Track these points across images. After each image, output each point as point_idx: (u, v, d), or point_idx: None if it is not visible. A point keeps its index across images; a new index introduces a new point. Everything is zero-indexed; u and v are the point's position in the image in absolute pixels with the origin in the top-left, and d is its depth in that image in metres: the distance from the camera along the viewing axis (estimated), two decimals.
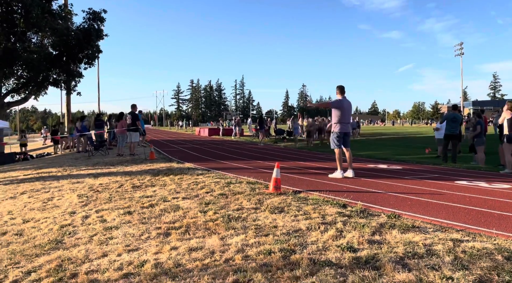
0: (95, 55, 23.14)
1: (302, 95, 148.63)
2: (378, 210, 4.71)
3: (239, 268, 3.01)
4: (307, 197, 5.47)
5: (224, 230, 4.07)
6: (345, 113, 7.57)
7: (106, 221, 4.74)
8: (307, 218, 4.34)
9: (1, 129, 20.87)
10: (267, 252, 3.31)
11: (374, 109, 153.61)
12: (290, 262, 3.06)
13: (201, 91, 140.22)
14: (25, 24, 20.12)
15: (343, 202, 5.04)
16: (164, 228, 4.27)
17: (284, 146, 18.94)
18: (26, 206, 6.01)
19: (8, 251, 3.96)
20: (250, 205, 5.09)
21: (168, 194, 6.09)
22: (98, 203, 5.78)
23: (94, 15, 22.00)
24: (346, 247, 3.31)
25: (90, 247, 3.85)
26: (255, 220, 4.42)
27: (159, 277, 2.97)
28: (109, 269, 3.21)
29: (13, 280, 3.19)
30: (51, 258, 3.61)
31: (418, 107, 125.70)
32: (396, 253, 3.15)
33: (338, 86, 7.74)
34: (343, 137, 7.59)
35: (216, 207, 5.06)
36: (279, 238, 3.68)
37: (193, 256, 3.36)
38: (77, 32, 21.64)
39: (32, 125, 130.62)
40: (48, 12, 20.36)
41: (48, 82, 22.22)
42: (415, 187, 6.47)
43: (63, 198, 6.34)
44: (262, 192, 5.91)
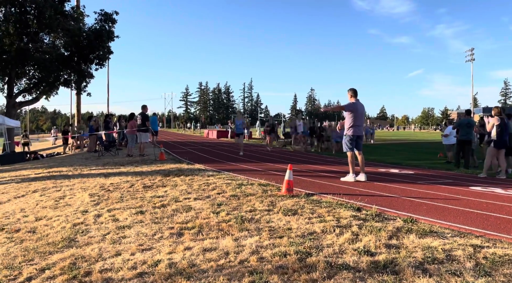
0: (106, 56, 23.30)
1: (311, 99, 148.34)
2: (393, 214, 4.63)
3: (254, 269, 2.96)
4: (320, 200, 5.41)
5: (238, 231, 4.03)
6: (359, 116, 7.50)
7: (119, 220, 4.72)
8: (322, 220, 4.28)
9: (13, 128, 21.09)
10: (282, 254, 3.26)
11: (383, 114, 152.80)
12: (306, 265, 3.01)
13: (210, 94, 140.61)
14: (37, 24, 20.37)
15: (357, 206, 4.97)
16: (177, 228, 4.24)
17: (294, 149, 18.86)
18: (38, 204, 6.03)
19: (21, 248, 3.96)
20: (262, 207, 5.04)
21: (179, 195, 6.06)
22: (110, 202, 5.77)
23: (106, 16, 22.19)
24: (363, 251, 3.25)
25: (103, 245, 3.83)
26: (268, 222, 4.37)
27: (174, 277, 2.93)
28: (123, 268, 3.18)
29: (27, 277, 3.18)
30: (64, 255, 3.60)
31: (427, 113, 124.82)
32: (415, 258, 3.08)
33: (350, 88, 7.67)
34: (356, 140, 7.51)
35: (228, 208, 5.02)
36: (294, 240, 3.63)
37: (207, 257, 3.32)
38: (89, 33, 21.83)
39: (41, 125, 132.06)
40: (61, 13, 20.60)
41: (59, 83, 22.41)
42: (430, 192, 6.37)
43: (74, 197, 6.35)
44: (275, 194, 5.86)
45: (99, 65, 23.25)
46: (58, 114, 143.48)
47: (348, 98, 7.71)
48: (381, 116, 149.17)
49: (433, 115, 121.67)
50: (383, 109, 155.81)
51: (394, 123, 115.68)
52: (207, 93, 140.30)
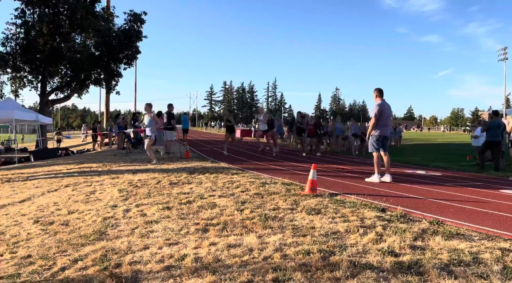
0: (134, 56, 23.90)
1: (335, 98, 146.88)
2: (419, 216, 4.58)
3: (278, 266, 3.02)
4: (344, 200, 5.40)
5: (261, 228, 4.09)
6: (385, 116, 7.42)
7: (146, 215, 4.87)
8: (345, 220, 4.29)
9: (46, 125, 21.92)
10: (305, 252, 3.29)
11: (410, 114, 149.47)
12: (330, 263, 3.03)
13: (234, 93, 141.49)
14: (70, 25, 21.12)
15: (381, 206, 4.94)
16: (202, 224, 4.34)
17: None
18: (70, 198, 6.28)
19: (55, 240, 4.15)
20: (286, 206, 5.08)
21: (204, 192, 6.18)
22: (138, 198, 5.95)
23: (135, 17, 22.73)
24: (387, 251, 3.25)
25: (132, 239, 3.97)
26: (292, 220, 4.41)
27: (200, 271, 3.02)
28: (151, 261, 3.30)
29: (61, 267, 3.34)
30: (95, 248, 3.76)
31: (457, 114, 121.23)
32: (440, 260, 3.05)
33: (376, 88, 7.59)
34: (382, 140, 7.44)
35: (252, 206, 5.09)
36: (317, 239, 3.65)
37: (232, 253, 3.40)
38: (118, 33, 22.44)
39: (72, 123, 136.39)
40: (92, 14, 21.26)
41: (90, 81, 23.15)
42: (457, 194, 6.24)
43: (104, 192, 6.58)
44: (298, 193, 5.89)
45: (127, 65, 23.87)
46: (88, 111, 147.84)
47: (373, 98, 7.64)
48: (408, 116, 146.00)
49: (463, 116, 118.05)
50: (410, 110, 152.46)
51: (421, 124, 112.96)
52: (231, 92, 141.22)
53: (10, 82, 22.84)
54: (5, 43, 21.50)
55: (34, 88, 22.86)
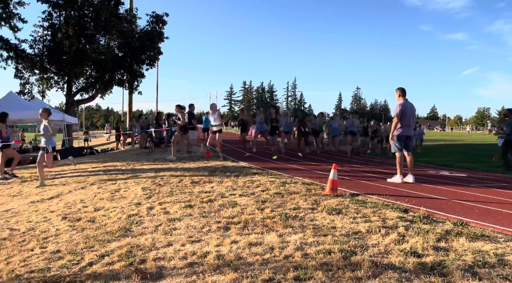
0: (156, 57, 24.28)
1: (356, 98, 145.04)
2: (442, 217, 4.52)
3: (299, 265, 3.04)
4: (365, 200, 5.37)
5: (282, 227, 4.12)
6: (408, 116, 7.32)
7: (169, 213, 4.97)
8: (367, 221, 4.27)
9: (71, 125, 22.53)
10: (326, 251, 3.31)
11: (434, 113, 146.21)
12: (351, 263, 3.04)
13: (253, 93, 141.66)
14: (94, 27, 21.64)
15: (404, 207, 4.89)
16: (224, 223, 4.40)
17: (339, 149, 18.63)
18: (96, 196, 6.47)
19: (83, 236, 4.30)
20: (306, 205, 5.09)
21: (225, 191, 6.25)
22: (161, 196, 6.08)
23: (157, 18, 23.10)
24: (410, 252, 3.22)
25: (156, 236, 4.07)
26: (312, 220, 4.42)
27: (222, 268, 3.08)
28: (174, 258, 3.39)
29: (89, 262, 3.47)
30: (121, 244, 3.87)
31: (483, 113, 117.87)
32: (464, 261, 3.01)
33: (398, 88, 7.49)
34: (404, 140, 7.34)
35: (272, 205, 5.13)
36: (338, 239, 3.66)
37: (253, 251, 3.44)
38: (141, 34, 22.86)
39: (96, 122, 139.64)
40: (115, 16, 21.73)
41: (113, 82, 23.67)
42: (483, 196, 6.11)
43: (128, 190, 6.74)
44: (318, 193, 5.89)
45: (149, 65, 24.28)
46: (111, 111, 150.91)
47: (396, 98, 7.55)
48: (431, 116, 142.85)
49: (489, 115, 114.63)
50: (433, 109, 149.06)
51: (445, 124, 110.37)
52: (250, 92, 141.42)
53: (38, 83, 23.57)
54: (33, 45, 22.23)
55: (60, 89, 23.54)
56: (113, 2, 22.09)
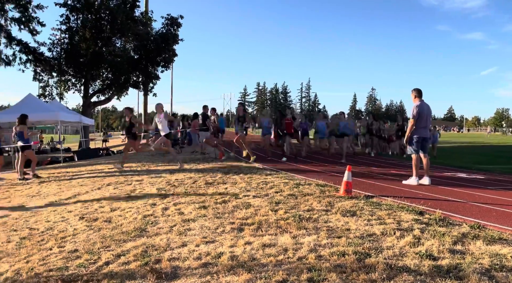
0: (171, 59, 24.53)
1: (371, 99, 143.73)
2: (459, 219, 4.45)
3: (313, 266, 3.04)
4: (380, 202, 5.32)
5: (296, 229, 4.12)
6: (424, 117, 7.22)
7: (184, 214, 5.02)
8: (381, 223, 4.24)
9: (88, 126, 22.92)
10: (340, 253, 3.30)
11: (451, 114, 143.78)
12: (365, 265, 3.02)
13: (267, 94, 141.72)
14: (110, 29, 22.01)
15: (419, 209, 4.83)
16: (238, 224, 4.43)
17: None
18: (113, 197, 6.57)
19: (99, 236, 4.37)
20: (320, 207, 5.08)
21: (239, 192, 6.28)
22: (175, 196, 6.14)
23: (172, 20, 23.35)
24: (425, 255, 3.19)
25: (170, 236, 4.12)
26: (326, 221, 4.41)
27: (236, 269, 3.10)
28: (189, 258, 3.42)
29: (106, 261, 3.53)
30: (136, 244, 3.93)
31: (502, 114, 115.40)
32: (481, 265, 2.97)
33: (415, 89, 7.40)
34: (421, 142, 7.25)
35: (286, 207, 5.13)
36: (353, 241, 3.64)
37: (267, 252, 3.45)
38: (156, 37, 23.14)
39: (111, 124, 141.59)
40: (131, 19, 22.05)
41: (129, 84, 24.01)
42: (501, 198, 5.99)
43: (144, 191, 6.82)
44: (332, 195, 5.86)
45: (164, 67, 24.56)
46: None
47: (412, 99, 7.46)
48: (448, 117, 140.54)
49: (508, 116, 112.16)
50: (451, 110, 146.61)
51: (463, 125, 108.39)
52: (264, 93, 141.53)
53: (56, 85, 24.09)
54: (51, 48, 22.74)
55: (77, 91, 24.02)
56: (129, 5, 22.43)
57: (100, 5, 21.88)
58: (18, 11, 20.87)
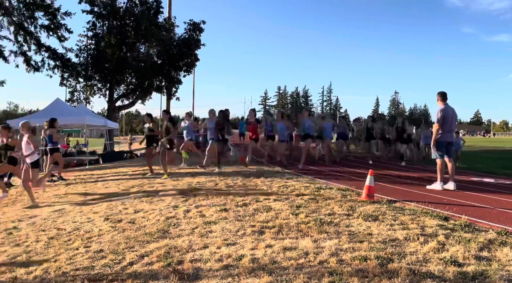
0: (194, 63, 24.86)
1: (394, 102, 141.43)
2: (485, 225, 4.33)
3: (334, 270, 3.03)
4: (403, 207, 5.24)
5: (317, 233, 4.10)
6: (449, 121, 7.07)
7: (205, 216, 5.08)
8: (404, 228, 4.17)
9: (112, 130, 23.44)
10: (362, 258, 3.27)
11: (477, 118, 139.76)
12: (388, 270, 2.99)
13: (288, 98, 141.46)
14: (135, 35, 22.50)
15: (444, 215, 4.73)
16: (258, 227, 4.45)
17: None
18: (136, 199, 6.70)
19: (124, 236, 4.47)
20: (342, 211, 5.04)
21: (260, 195, 6.30)
22: (197, 199, 6.21)
23: (194, 26, 23.68)
24: (450, 261, 3.13)
25: (192, 238, 4.17)
26: (348, 226, 4.37)
27: (257, 271, 3.12)
28: (210, 260, 3.46)
29: (130, 262, 3.61)
30: (159, 245, 4.00)
31: None
32: (508, 272, 2.89)
33: (439, 92, 7.27)
34: (446, 146, 7.09)
35: (307, 211, 5.11)
36: (375, 245, 3.60)
37: (288, 255, 3.46)
38: (179, 42, 23.51)
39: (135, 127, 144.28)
40: (155, 25, 22.48)
41: (152, 88, 24.45)
42: None
43: (166, 193, 6.93)
44: (354, 199, 5.81)
45: (187, 72, 24.89)
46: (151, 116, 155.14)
47: (436, 102, 7.32)
48: (475, 121, 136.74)
49: None
50: (477, 114, 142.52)
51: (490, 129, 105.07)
52: (285, 97, 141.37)
53: (83, 90, 24.77)
54: (78, 54, 23.43)
55: (103, 96, 24.61)
56: (153, 11, 22.89)
57: (125, 11, 22.43)
58: (47, 18, 21.58)
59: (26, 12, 21.12)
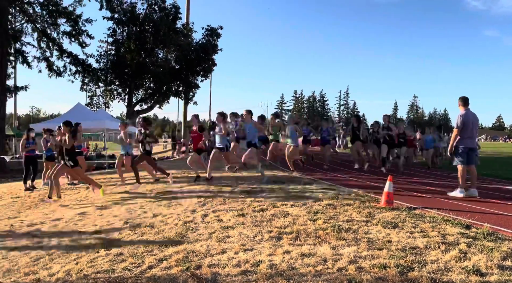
0: (211, 68, 25.09)
1: (413, 107, 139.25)
2: (509, 234, 4.22)
3: (353, 278, 3.00)
4: (423, 214, 5.15)
5: (335, 239, 4.08)
6: (470, 127, 6.93)
7: (223, 221, 5.11)
8: (425, 236, 4.10)
9: (131, 134, 23.79)
10: (381, 266, 3.23)
11: (499, 123, 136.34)
12: (408, 279, 2.95)
13: (304, 102, 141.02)
14: (153, 41, 22.88)
15: (466, 223, 4.63)
16: (276, 232, 4.44)
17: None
18: (155, 203, 6.79)
19: (143, 240, 4.54)
20: (360, 218, 4.99)
21: (277, 200, 6.29)
22: (215, 204, 6.25)
23: (212, 31, 23.94)
24: (472, 270, 3.06)
25: (210, 243, 4.20)
26: (366, 233, 4.33)
27: (275, 277, 3.12)
28: (228, 265, 3.48)
29: (149, 265, 3.66)
30: (178, 249, 4.05)
31: None
32: None
33: (461, 97, 7.13)
34: (467, 152, 6.95)
35: (325, 217, 5.09)
36: (394, 253, 3.55)
37: (306, 262, 3.45)
38: (196, 47, 23.80)
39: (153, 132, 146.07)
40: (173, 30, 22.83)
41: (170, 93, 24.78)
42: None
43: (183, 198, 7.00)
44: (373, 206, 5.74)
45: (204, 77, 25.15)
46: (167, 121, 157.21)
47: (458, 107, 7.19)
48: (497, 126, 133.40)
49: None
50: (499, 119, 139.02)
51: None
52: (301, 101, 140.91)
53: (103, 94, 25.29)
54: (99, 60, 23.96)
55: (122, 100, 25.07)
56: (171, 17, 23.26)
57: (144, 18, 22.85)
58: (69, 25, 22.20)
59: (49, 19, 21.77)
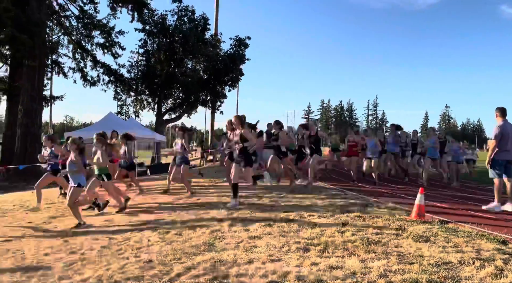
0: (238, 78, 25.36)
1: (445, 117, 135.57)
2: None
3: None
4: (456, 229, 4.98)
5: (364, 252, 4.00)
6: (508, 139, 6.66)
7: (249, 231, 5.11)
8: (458, 251, 3.97)
9: (160, 142, 24.28)
10: (413, 281, 3.15)
11: None
12: None
13: (331, 111, 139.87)
14: (183, 52, 23.40)
15: (502, 238, 4.44)
16: (303, 243, 4.41)
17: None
18: (183, 211, 6.88)
19: (171, 248, 4.60)
20: (390, 231, 4.88)
21: (304, 211, 6.24)
22: (241, 213, 6.27)
23: (240, 41, 24.25)
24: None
25: (237, 252, 4.21)
26: (396, 246, 4.23)
27: None
28: (255, 275, 3.48)
29: (177, 273, 3.70)
30: (205, 258, 4.08)
31: None
32: None
33: (498, 108, 6.88)
34: (505, 165, 6.67)
35: (353, 229, 5.00)
36: (426, 268, 3.45)
37: (334, 274, 3.40)
38: (224, 57, 24.15)
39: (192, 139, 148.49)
40: (202, 41, 23.28)
41: (198, 102, 25.20)
42: None
43: (212, 206, 7.06)
44: (403, 218, 5.60)
45: (231, 86, 25.45)
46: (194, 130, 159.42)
47: (495, 118, 6.94)
48: None
49: None
50: None
51: None
52: (329, 110, 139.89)
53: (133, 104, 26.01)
54: (130, 70, 24.71)
55: (151, 109, 25.70)
56: (200, 28, 23.75)
57: (174, 29, 23.44)
58: (102, 36, 23.10)
59: (84, 31, 22.73)
